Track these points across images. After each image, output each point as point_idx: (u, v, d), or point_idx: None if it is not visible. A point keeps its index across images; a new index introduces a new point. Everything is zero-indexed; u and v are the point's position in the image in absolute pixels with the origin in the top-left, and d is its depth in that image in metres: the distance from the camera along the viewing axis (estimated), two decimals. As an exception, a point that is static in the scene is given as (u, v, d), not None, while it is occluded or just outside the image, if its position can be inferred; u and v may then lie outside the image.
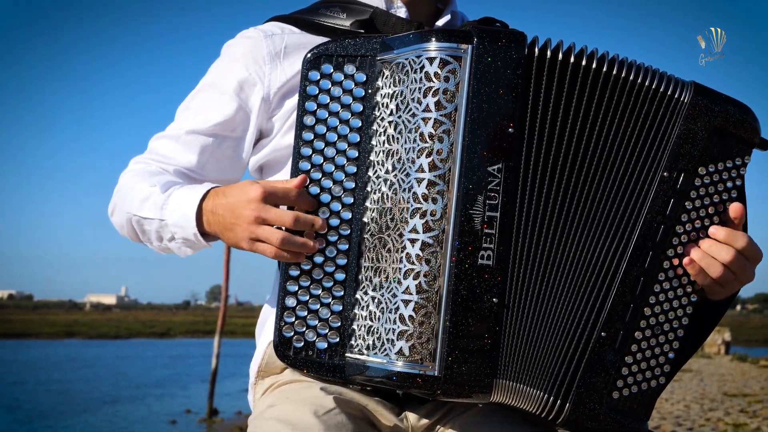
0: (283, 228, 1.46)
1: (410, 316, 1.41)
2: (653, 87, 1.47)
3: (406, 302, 1.41)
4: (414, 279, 1.41)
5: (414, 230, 1.42)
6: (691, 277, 1.48)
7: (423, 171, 1.42)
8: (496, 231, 1.41)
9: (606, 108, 1.46)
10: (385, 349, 1.43)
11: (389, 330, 1.43)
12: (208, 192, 1.54)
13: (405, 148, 1.44)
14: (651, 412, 1.51)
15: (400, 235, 1.43)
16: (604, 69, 1.45)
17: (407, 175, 1.43)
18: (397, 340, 1.41)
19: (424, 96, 1.42)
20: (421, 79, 1.43)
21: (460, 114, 1.41)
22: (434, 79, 1.42)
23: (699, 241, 1.48)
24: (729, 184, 1.50)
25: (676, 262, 1.48)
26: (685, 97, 1.48)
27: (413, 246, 1.41)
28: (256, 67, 1.65)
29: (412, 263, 1.41)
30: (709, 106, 1.48)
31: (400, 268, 1.42)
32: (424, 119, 1.42)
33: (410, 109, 1.44)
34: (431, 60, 1.42)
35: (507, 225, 1.42)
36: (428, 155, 1.42)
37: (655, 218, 1.47)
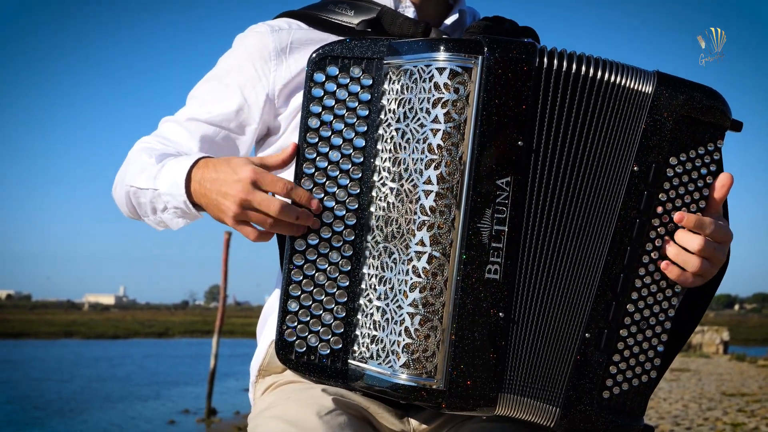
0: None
1: (416, 330, 1.40)
2: (620, 83, 1.45)
3: (412, 315, 1.40)
4: (420, 292, 1.40)
5: (421, 243, 1.40)
6: (672, 278, 1.46)
7: (431, 183, 1.40)
8: (504, 245, 1.40)
9: (590, 112, 1.44)
10: (390, 361, 1.42)
11: (394, 342, 1.41)
12: (198, 161, 1.52)
13: (413, 158, 1.42)
14: (645, 407, 1.50)
15: (407, 247, 1.41)
16: (597, 74, 1.43)
17: (415, 186, 1.41)
18: (402, 352, 1.40)
19: (433, 106, 1.40)
20: (430, 89, 1.40)
21: (469, 126, 1.40)
22: (443, 90, 1.40)
23: (672, 236, 1.46)
24: (703, 171, 1.48)
25: (655, 255, 1.46)
26: (649, 88, 1.45)
27: (420, 259, 1.40)
28: (262, 63, 1.66)
29: (419, 276, 1.40)
30: (673, 95, 1.46)
31: (406, 281, 1.41)
32: (432, 130, 1.40)
33: (418, 119, 1.42)
34: (441, 70, 1.40)
35: (514, 239, 1.41)
36: (436, 167, 1.40)
37: (629, 213, 1.45)
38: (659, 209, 1.46)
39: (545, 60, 1.42)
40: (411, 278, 1.40)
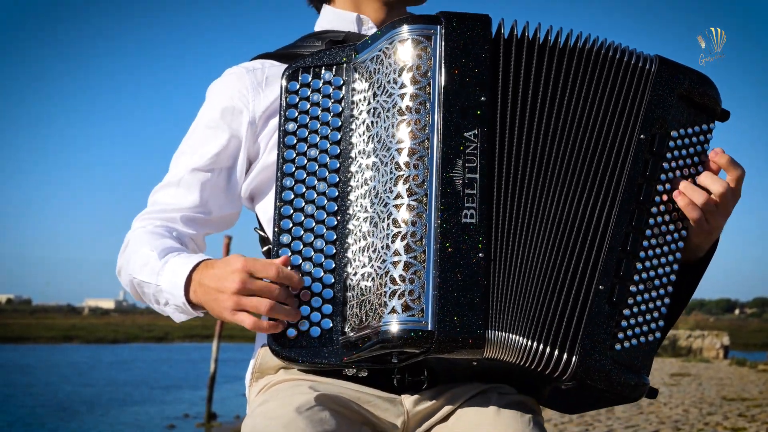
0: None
1: (400, 276, 1.46)
2: (621, 59, 1.59)
3: (396, 263, 1.46)
4: (402, 240, 1.47)
5: (399, 196, 1.48)
6: (681, 207, 1.58)
7: (403, 141, 1.49)
8: (477, 191, 1.49)
9: (574, 77, 1.57)
10: (378, 314, 1.46)
11: (381, 294, 1.47)
12: (198, 264, 1.58)
13: (384, 127, 1.51)
14: (650, 367, 1.58)
15: (385, 205, 1.49)
16: (570, 43, 1.57)
17: (388, 149, 1.51)
18: (389, 300, 1.45)
19: (399, 75, 1.51)
20: (395, 61, 1.52)
21: (434, 86, 1.50)
22: (407, 58, 1.51)
23: (674, 203, 1.59)
24: (699, 148, 1.62)
25: (659, 219, 1.58)
26: (651, 67, 1.60)
27: (399, 210, 1.48)
28: (240, 96, 1.74)
29: (399, 226, 1.48)
30: (674, 74, 1.61)
31: (387, 234, 1.48)
32: (400, 95, 1.51)
33: (387, 91, 1.52)
34: (403, 41, 1.51)
35: (487, 185, 1.50)
36: (407, 125, 1.50)
37: (637, 178, 1.57)
38: (662, 176, 1.59)
39: (503, 27, 1.55)
40: (392, 230, 1.48)
